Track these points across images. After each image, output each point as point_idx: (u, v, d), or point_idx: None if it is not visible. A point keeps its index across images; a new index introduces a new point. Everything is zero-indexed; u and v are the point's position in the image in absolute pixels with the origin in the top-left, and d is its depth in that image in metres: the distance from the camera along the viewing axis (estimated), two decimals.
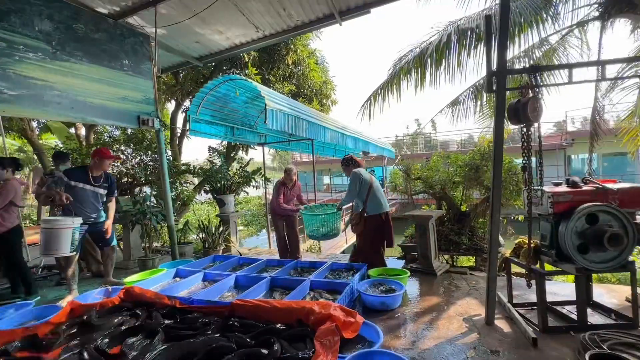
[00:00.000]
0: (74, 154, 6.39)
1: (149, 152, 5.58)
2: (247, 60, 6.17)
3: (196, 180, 7.45)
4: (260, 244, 9.10)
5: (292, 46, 6.83)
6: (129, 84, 3.90)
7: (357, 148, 7.96)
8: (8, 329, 2.42)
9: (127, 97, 3.86)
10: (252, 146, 7.55)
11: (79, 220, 3.17)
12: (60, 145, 9.32)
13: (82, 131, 8.86)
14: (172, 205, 4.62)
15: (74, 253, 3.24)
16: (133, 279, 3.50)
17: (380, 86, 6.85)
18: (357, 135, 7.66)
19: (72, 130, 8.96)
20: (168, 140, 7.53)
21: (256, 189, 5.99)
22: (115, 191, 3.76)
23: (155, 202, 4.93)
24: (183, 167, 5.78)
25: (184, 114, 7.45)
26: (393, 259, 4.57)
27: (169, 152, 7.24)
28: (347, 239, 8.76)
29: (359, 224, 3.57)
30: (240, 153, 8.57)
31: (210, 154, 5.77)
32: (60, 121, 8.04)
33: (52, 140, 11.62)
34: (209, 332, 2.24)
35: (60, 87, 3.17)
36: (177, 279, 3.56)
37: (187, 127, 5.12)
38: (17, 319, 2.76)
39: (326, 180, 23.32)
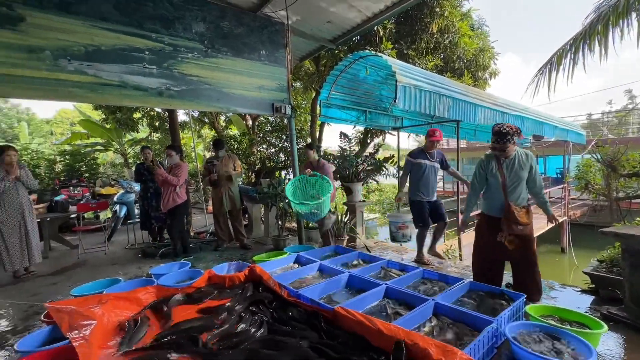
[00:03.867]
0: (245, 139, 7.65)
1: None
2: (382, 34, 5.60)
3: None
4: None
5: (438, 9, 5.74)
6: (265, 73, 4.10)
7: (525, 131, 6.10)
8: (166, 286, 2.94)
9: (263, 86, 4.08)
10: (387, 131, 7.00)
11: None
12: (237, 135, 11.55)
13: (250, 122, 10.63)
14: None
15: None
16: (260, 258, 3.74)
17: (568, 43, 4.87)
18: (525, 114, 5.85)
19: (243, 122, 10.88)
20: (308, 128, 7.98)
21: (386, 177, 5.48)
22: (449, 165, 4.09)
23: None
24: None
25: None
26: (573, 292, 3.13)
27: (309, 139, 7.63)
28: None
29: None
30: (377, 139, 8.18)
31: (341, 140, 5.65)
32: (210, 111, 9.72)
33: (233, 131, 14.70)
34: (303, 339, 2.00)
35: (209, 81, 3.60)
36: (296, 265, 3.57)
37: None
38: (177, 277, 3.36)
39: None
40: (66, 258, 4.95)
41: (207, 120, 12.50)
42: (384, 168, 5.37)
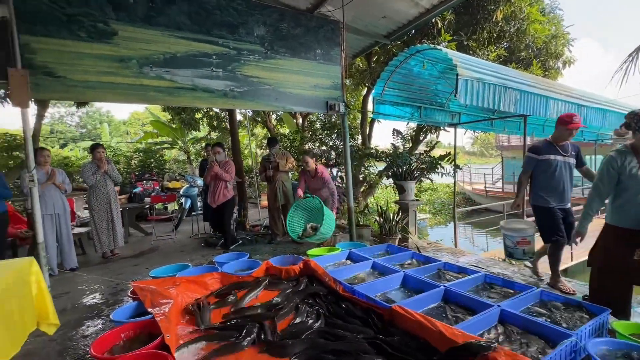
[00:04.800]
0: (298, 137, 7.88)
1: (340, 137, 6.01)
2: (440, 26, 5.33)
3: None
4: (445, 238, 8.17)
5: None
6: (320, 72, 4.18)
7: (605, 125, 5.40)
8: (228, 273, 3.17)
9: (318, 84, 4.16)
10: (443, 128, 6.69)
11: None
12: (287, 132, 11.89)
13: (300, 120, 10.89)
14: (359, 187, 4.75)
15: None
16: (314, 252, 3.83)
17: None
18: (608, 106, 5.17)
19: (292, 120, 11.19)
20: (359, 125, 7.94)
21: (442, 176, 5.24)
22: (585, 162, 3.24)
23: (341, 182, 5.27)
24: (367, 151, 5.88)
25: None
26: None
27: (358, 137, 7.60)
28: (573, 254, 6.33)
29: None
30: (431, 135, 7.86)
31: (394, 137, 5.53)
32: (268, 110, 10.04)
33: (285, 130, 15.17)
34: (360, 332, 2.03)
35: (268, 81, 3.77)
36: (348, 261, 3.59)
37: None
38: (237, 266, 3.60)
39: None
40: (142, 243, 5.58)
41: (259, 119, 13.12)
42: (439, 166, 5.15)
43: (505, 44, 6.24)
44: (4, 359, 1.40)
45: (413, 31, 5.97)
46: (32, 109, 7.17)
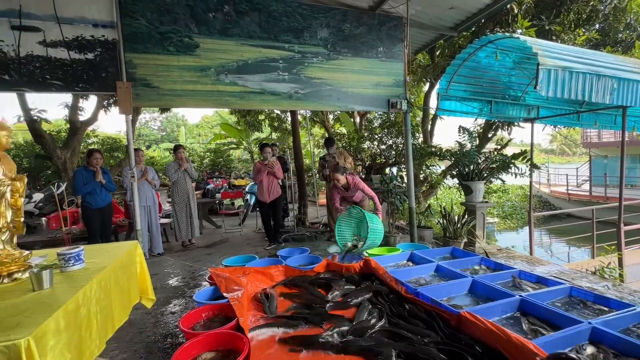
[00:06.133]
0: (357, 136, 7.88)
1: (400, 136, 5.87)
2: (516, 12, 4.84)
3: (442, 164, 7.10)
4: (518, 245, 7.41)
5: None
6: (382, 70, 4.14)
7: None
8: (292, 267, 3.34)
9: (379, 82, 4.13)
10: (516, 123, 6.09)
11: None
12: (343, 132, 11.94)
13: (358, 119, 10.86)
14: (420, 187, 4.60)
15: None
16: (373, 252, 3.82)
17: None
18: None
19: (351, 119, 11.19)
20: (420, 123, 7.64)
21: (515, 176, 4.77)
22: None
23: (401, 182, 5.14)
24: (429, 150, 5.63)
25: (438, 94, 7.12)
26: None
27: (419, 135, 7.31)
28: None
29: None
30: (501, 132, 7.21)
31: (460, 135, 5.20)
32: (330, 110, 10.09)
33: (343, 130, 15.21)
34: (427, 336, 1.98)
35: (331, 82, 3.86)
36: (410, 263, 3.50)
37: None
38: (299, 260, 3.76)
39: None
40: (213, 235, 6.15)
41: (317, 119, 13.40)
42: (512, 166, 4.70)
43: (597, 25, 5.43)
44: (120, 321, 1.69)
45: (483, 20, 5.54)
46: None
